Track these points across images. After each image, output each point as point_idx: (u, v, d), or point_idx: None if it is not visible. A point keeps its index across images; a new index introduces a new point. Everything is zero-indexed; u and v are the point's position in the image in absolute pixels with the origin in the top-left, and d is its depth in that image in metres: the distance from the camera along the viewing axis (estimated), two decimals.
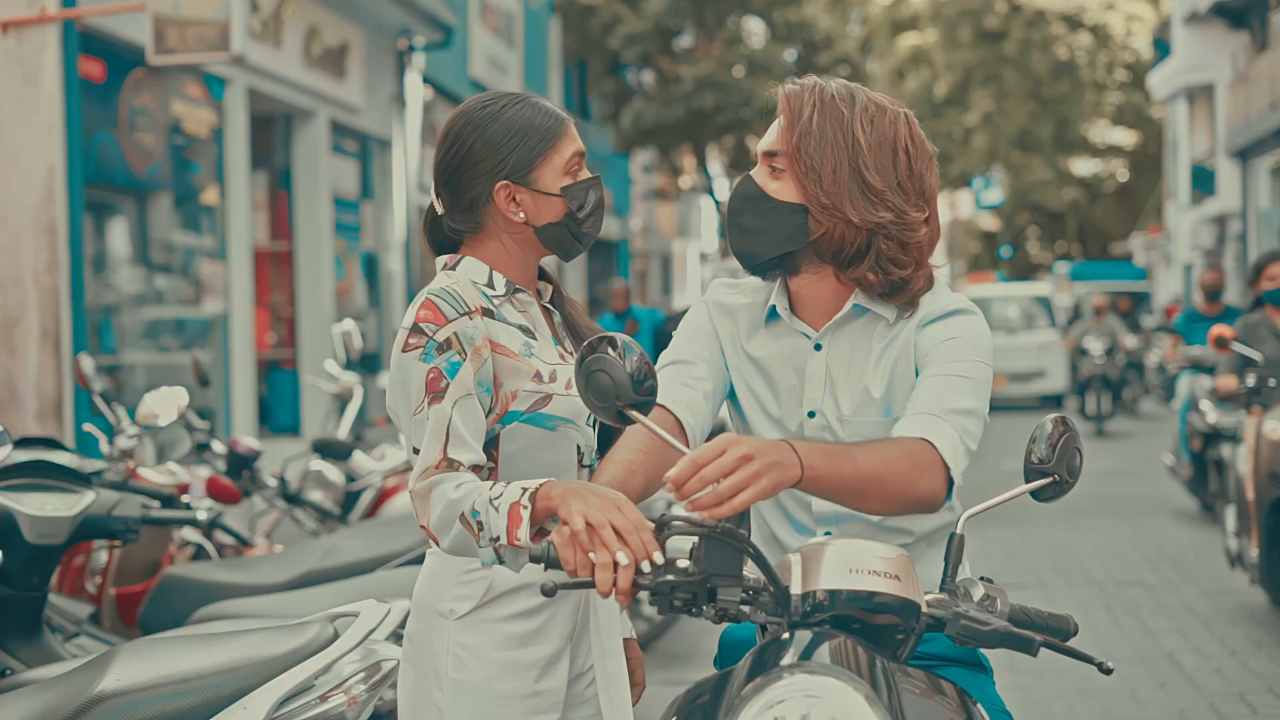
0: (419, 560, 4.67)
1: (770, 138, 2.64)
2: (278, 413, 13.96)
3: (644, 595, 2.29)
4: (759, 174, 2.65)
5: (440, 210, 2.76)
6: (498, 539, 2.40)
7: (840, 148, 2.56)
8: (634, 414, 2.35)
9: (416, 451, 2.55)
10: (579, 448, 2.71)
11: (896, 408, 2.61)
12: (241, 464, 6.13)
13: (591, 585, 2.22)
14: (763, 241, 2.63)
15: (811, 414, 2.66)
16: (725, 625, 2.82)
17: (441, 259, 2.76)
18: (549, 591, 2.21)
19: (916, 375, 2.59)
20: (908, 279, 2.59)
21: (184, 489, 5.75)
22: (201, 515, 4.73)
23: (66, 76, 8.84)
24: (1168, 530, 11.38)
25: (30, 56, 8.58)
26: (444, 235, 2.79)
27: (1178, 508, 12.55)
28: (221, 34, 8.67)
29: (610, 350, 2.34)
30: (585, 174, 2.73)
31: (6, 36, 8.48)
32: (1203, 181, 32.89)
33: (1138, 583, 9.22)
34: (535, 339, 2.69)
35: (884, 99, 2.65)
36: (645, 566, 2.21)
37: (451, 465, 2.50)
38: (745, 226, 2.65)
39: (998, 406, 21.92)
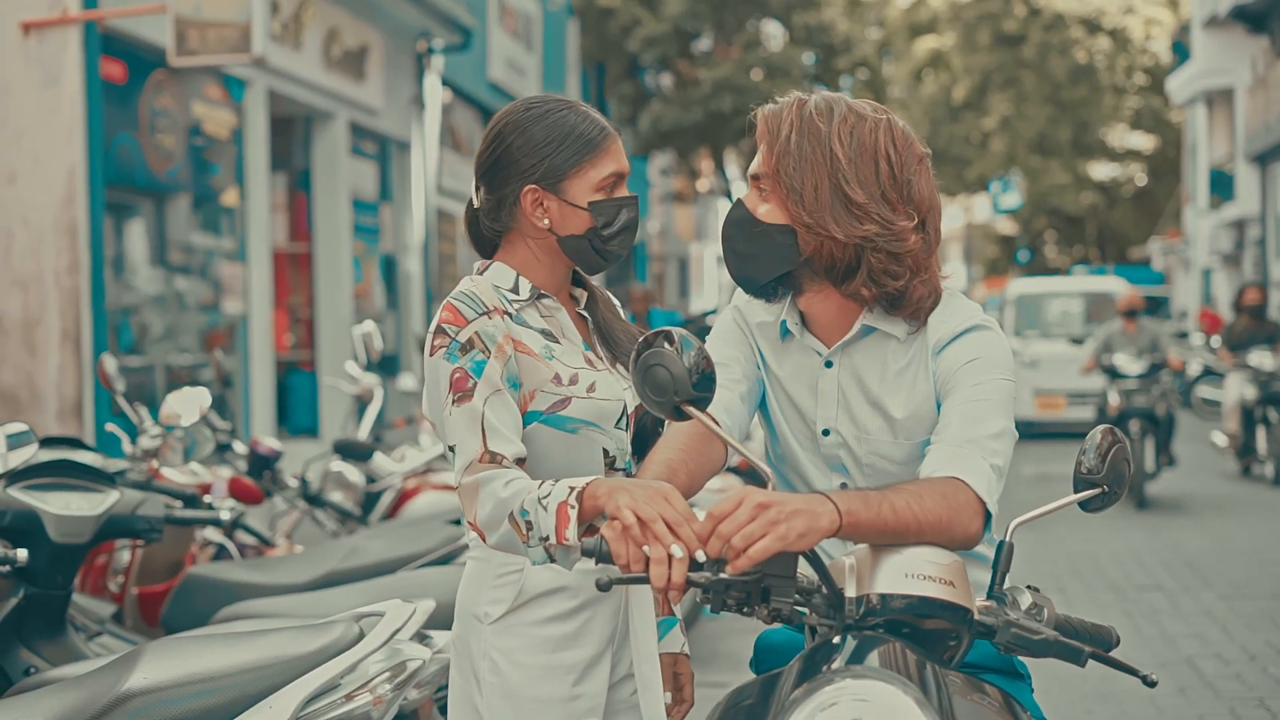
0: (441, 561, 4.69)
1: (755, 161, 2.62)
2: (296, 414, 13.99)
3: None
4: (749, 198, 2.63)
5: (476, 204, 2.77)
6: (547, 538, 2.41)
7: (819, 165, 2.52)
8: (691, 410, 2.34)
9: (452, 449, 2.56)
10: (606, 451, 2.71)
11: (917, 432, 2.59)
12: (263, 465, 6.14)
13: (645, 580, 2.21)
14: (757, 266, 2.61)
15: (826, 432, 2.66)
16: (760, 631, 2.82)
17: (477, 264, 2.78)
18: (604, 586, 2.20)
19: (937, 401, 2.57)
20: (904, 289, 2.55)
21: (206, 489, 5.77)
22: (224, 515, 4.74)
23: (87, 78, 8.87)
24: (1186, 534, 11.35)
25: (51, 58, 8.61)
26: (486, 238, 2.80)
27: (1194, 512, 12.52)
28: (242, 36, 8.70)
29: (667, 345, 2.33)
30: (621, 193, 2.72)
31: (28, 38, 8.51)
32: (1221, 186, 32.79)
33: (1156, 587, 9.19)
34: (559, 343, 2.69)
35: (865, 107, 2.60)
36: (700, 556, 2.20)
37: (495, 458, 2.51)
38: (738, 251, 2.63)
39: (1054, 434, 18.98)
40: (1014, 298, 21.89)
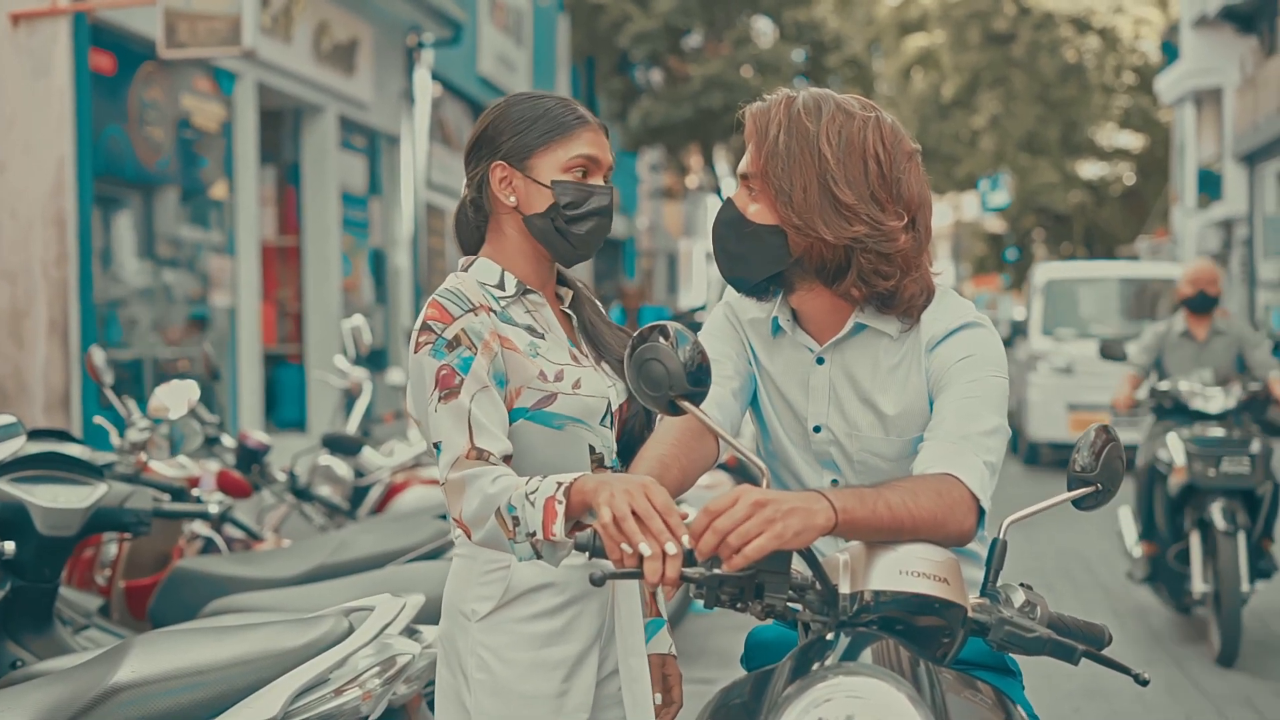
0: (430, 556, 4.69)
1: (744, 160, 2.61)
2: (284, 408, 13.96)
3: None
4: (739, 197, 2.62)
5: (464, 191, 2.78)
6: (534, 534, 2.40)
7: (808, 165, 2.50)
8: (686, 404, 2.34)
9: (437, 446, 2.54)
10: (593, 448, 2.70)
11: (908, 429, 2.59)
12: (251, 458, 6.13)
13: (639, 575, 2.20)
14: (748, 266, 2.60)
15: (817, 428, 2.65)
16: (750, 628, 2.82)
17: (462, 260, 2.78)
18: (598, 581, 2.19)
19: (930, 398, 2.56)
20: (895, 289, 2.55)
21: (194, 482, 5.75)
22: (213, 509, 4.73)
23: (77, 69, 8.83)
24: None
25: (41, 49, 8.57)
26: (472, 232, 2.80)
27: None
28: (233, 28, 8.66)
29: (663, 339, 2.33)
30: (595, 181, 2.72)
31: (17, 29, 8.47)
32: (1209, 185, 32.85)
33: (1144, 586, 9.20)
34: (544, 339, 2.69)
35: (853, 104, 2.57)
36: (670, 549, 2.18)
37: (481, 455, 2.50)
38: (729, 251, 2.63)
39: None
40: (1043, 285, 16.82)
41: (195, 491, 5.23)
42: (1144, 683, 2.40)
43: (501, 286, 2.70)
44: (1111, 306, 16.71)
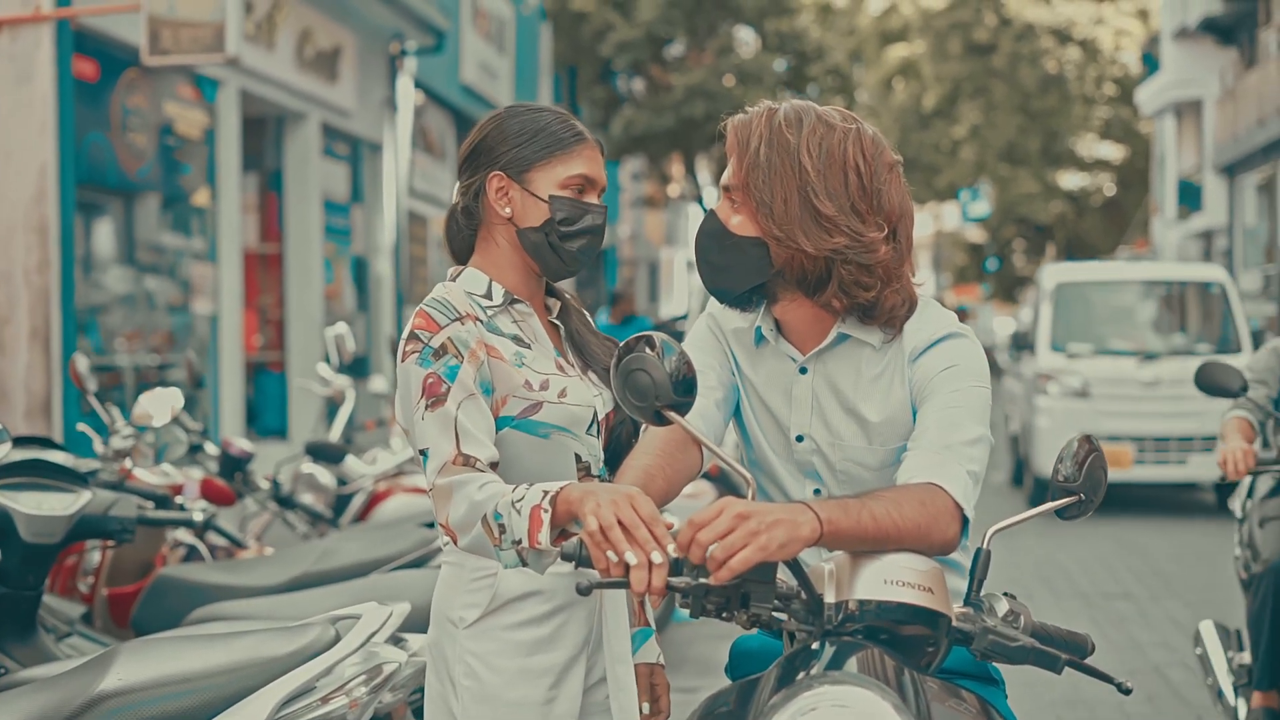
0: (414, 564, 4.69)
1: (726, 172, 2.63)
2: (265, 415, 13.93)
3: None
4: (721, 209, 2.63)
5: (455, 198, 2.80)
6: (519, 541, 2.41)
7: (788, 177, 2.52)
8: (672, 415, 2.35)
9: (424, 454, 2.56)
10: (579, 457, 2.71)
11: (891, 438, 2.60)
12: (234, 466, 6.12)
13: (625, 584, 2.21)
14: (730, 277, 2.62)
15: (800, 438, 2.67)
16: (734, 637, 2.82)
17: (450, 270, 2.79)
18: (584, 590, 2.20)
19: (913, 408, 2.57)
20: (876, 299, 2.56)
21: (177, 490, 5.74)
22: (197, 516, 4.73)
23: (60, 76, 8.82)
24: (1154, 543, 11.40)
25: (24, 55, 8.55)
26: (463, 241, 2.82)
27: (1164, 521, 12.57)
28: (216, 35, 8.65)
29: (649, 350, 2.34)
30: (589, 199, 2.74)
31: (0, 35, 8.46)
32: (1189, 197, 32.99)
33: (1124, 595, 9.24)
34: (529, 349, 2.70)
35: (834, 116, 2.59)
36: (656, 558, 2.20)
37: (468, 461, 2.51)
38: (712, 263, 2.64)
39: (1117, 501, 12.49)
40: (1052, 289, 14.10)
41: (179, 499, 5.22)
42: (1126, 691, 2.42)
43: (489, 296, 2.71)
44: (1136, 316, 14.37)
